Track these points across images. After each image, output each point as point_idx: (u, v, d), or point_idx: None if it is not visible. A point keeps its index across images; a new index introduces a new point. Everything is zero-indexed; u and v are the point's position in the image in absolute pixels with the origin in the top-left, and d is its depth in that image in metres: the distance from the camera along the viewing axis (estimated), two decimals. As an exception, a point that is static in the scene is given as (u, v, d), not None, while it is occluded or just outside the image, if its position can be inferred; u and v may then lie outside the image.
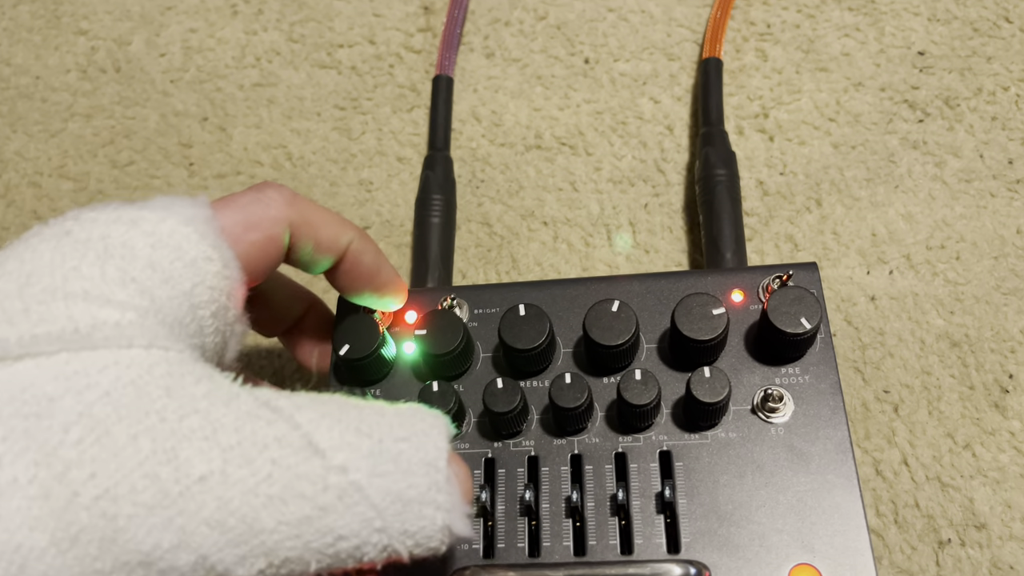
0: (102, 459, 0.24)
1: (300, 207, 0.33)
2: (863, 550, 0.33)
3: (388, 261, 0.38)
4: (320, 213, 0.34)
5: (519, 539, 0.35)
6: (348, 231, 0.35)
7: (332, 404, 0.28)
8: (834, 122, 0.50)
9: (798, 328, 0.35)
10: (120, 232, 0.28)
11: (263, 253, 0.32)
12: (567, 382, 0.35)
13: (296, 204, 0.33)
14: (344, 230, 0.35)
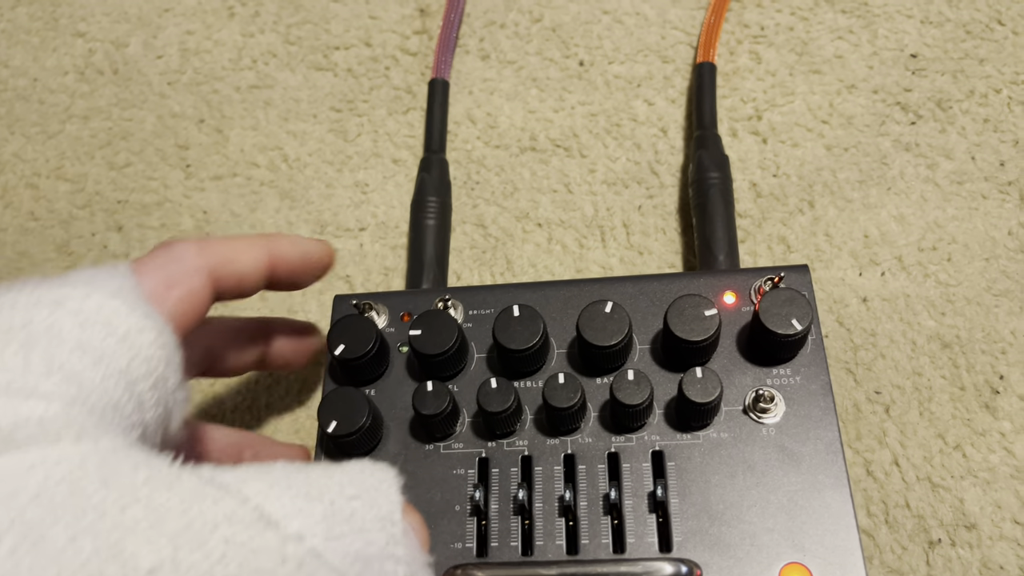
0: (40, 567, 0.21)
1: (211, 250, 0.33)
2: (853, 549, 0.33)
3: (305, 240, 0.38)
4: (232, 246, 0.34)
5: (512, 538, 0.35)
6: (261, 247, 0.35)
7: (278, 471, 0.26)
8: (827, 124, 0.51)
9: (789, 329, 0.35)
10: (43, 316, 0.27)
11: (190, 307, 0.32)
12: (560, 382, 0.35)
13: (207, 249, 0.33)
14: (259, 248, 0.35)
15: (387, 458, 0.37)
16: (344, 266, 0.51)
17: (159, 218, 0.54)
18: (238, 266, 0.34)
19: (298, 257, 0.36)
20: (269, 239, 0.36)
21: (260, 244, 0.35)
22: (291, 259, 0.36)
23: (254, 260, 0.35)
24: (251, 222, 0.53)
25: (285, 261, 0.36)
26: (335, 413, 0.36)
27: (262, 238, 0.36)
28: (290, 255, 0.36)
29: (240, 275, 0.34)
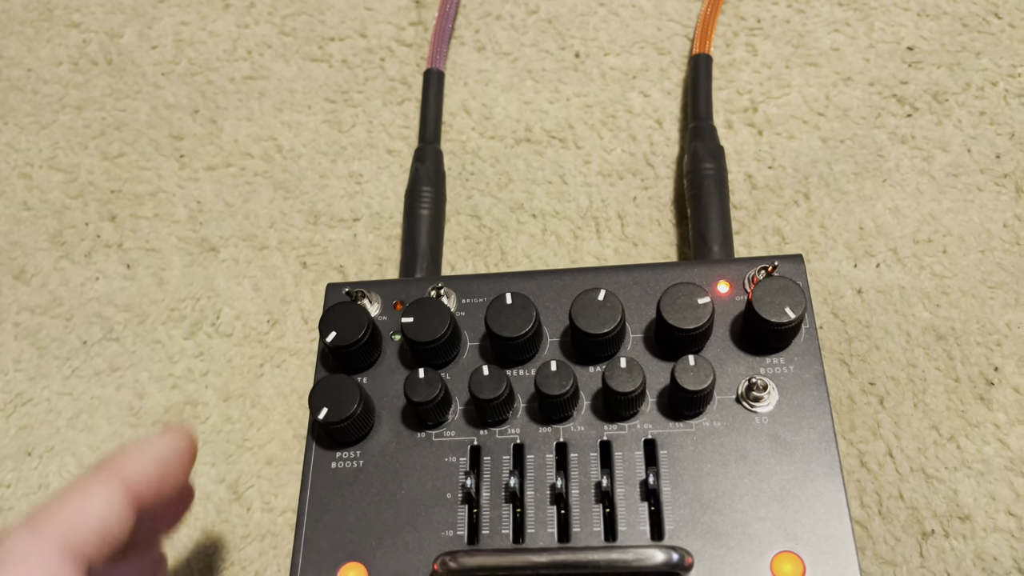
0: None
1: (48, 523, 0.27)
2: (845, 538, 0.33)
3: (154, 440, 0.32)
4: (71, 502, 0.28)
5: (503, 525, 0.35)
6: (106, 480, 0.29)
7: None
8: (823, 116, 0.51)
9: (782, 317, 0.35)
10: None
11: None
12: (553, 370, 0.35)
13: (42, 524, 0.27)
14: (104, 485, 0.29)
15: (378, 446, 0.37)
16: (338, 256, 0.51)
17: (152, 208, 0.54)
18: (89, 518, 0.28)
19: (157, 465, 0.31)
20: (113, 463, 0.30)
21: (104, 475, 0.29)
22: (150, 471, 0.30)
23: (105, 499, 0.28)
24: (245, 212, 0.53)
25: (143, 475, 0.30)
26: (326, 400, 0.36)
27: (105, 467, 0.30)
28: (145, 468, 0.30)
29: (98, 527, 0.28)
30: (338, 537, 0.35)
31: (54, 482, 0.46)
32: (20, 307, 0.52)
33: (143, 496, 0.30)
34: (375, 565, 0.35)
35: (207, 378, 0.48)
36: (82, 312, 0.51)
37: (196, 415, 0.47)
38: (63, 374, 0.49)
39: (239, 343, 0.49)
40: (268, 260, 0.51)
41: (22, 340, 0.51)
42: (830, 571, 0.32)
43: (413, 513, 0.36)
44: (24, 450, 0.47)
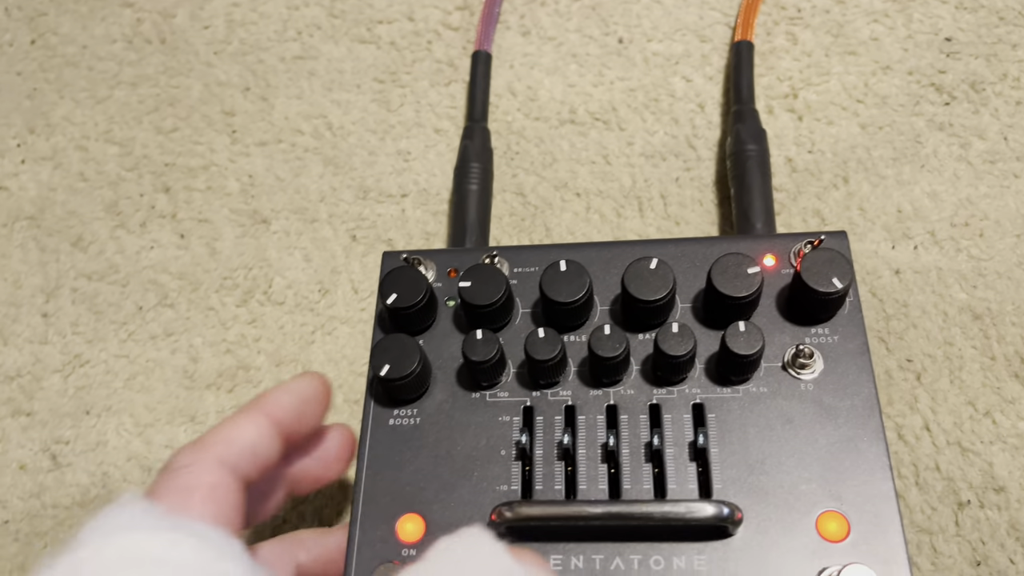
0: None
1: (207, 442, 0.32)
2: (888, 499, 0.34)
3: (295, 382, 0.36)
4: (227, 428, 0.33)
5: (556, 482, 0.36)
6: (256, 412, 0.34)
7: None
8: (862, 104, 0.52)
9: (830, 287, 0.36)
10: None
11: (220, 501, 0.31)
12: (606, 333, 0.36)
13: (202, 444, 0.32)
14: (254, 415, 0.34)
15: (434, 404, 0.39)
16: (387, 229, 0.52)
17: (205, 181, 0.56)
18: (243, 441, 0.33)
19: (297, 403, 0.35)
20: (260, 401, 0.35)
21: (253, 410, 0.34)
22: (291, 407, 0.35)
23: (256, 428, 0.33)
24: (295, 186, 0.54)
25: (286, 411, 0.35)
26: (388, 358, 0.37)
27: (253, 404, 0.35)
28: (287, 404, 0.35)
29: (250, 449, 0.33)
30: (396, 490, 0.37)
31: (112, 440, 0.48)
32: (77, 273, 0.53)
33: (286, 426, 0.35)
34: (432, 516, 0.36)
35: (259, 344, 0.49)
36: (137, 279, 0.53)
37: (248, 379, 0.48)
38: (119, 338, 0.51)
39: (291, 311, 0.50)
40: (318, 232, 0.53)
41: (79, 305, 0.52)
42: (874, 530, 0.34)
43: (468, 468, 0.37)
44: (82, 409, 0.49)
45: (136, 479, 0.46)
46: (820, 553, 0.33)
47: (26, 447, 0.48)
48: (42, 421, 0.49)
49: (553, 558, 0.34)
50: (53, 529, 0.46)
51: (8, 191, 0.57)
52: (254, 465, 0.33)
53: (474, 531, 0.29)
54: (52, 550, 0.28)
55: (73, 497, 0.46)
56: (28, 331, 0.52)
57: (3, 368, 0.51)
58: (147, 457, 0.47)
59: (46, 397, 0.49)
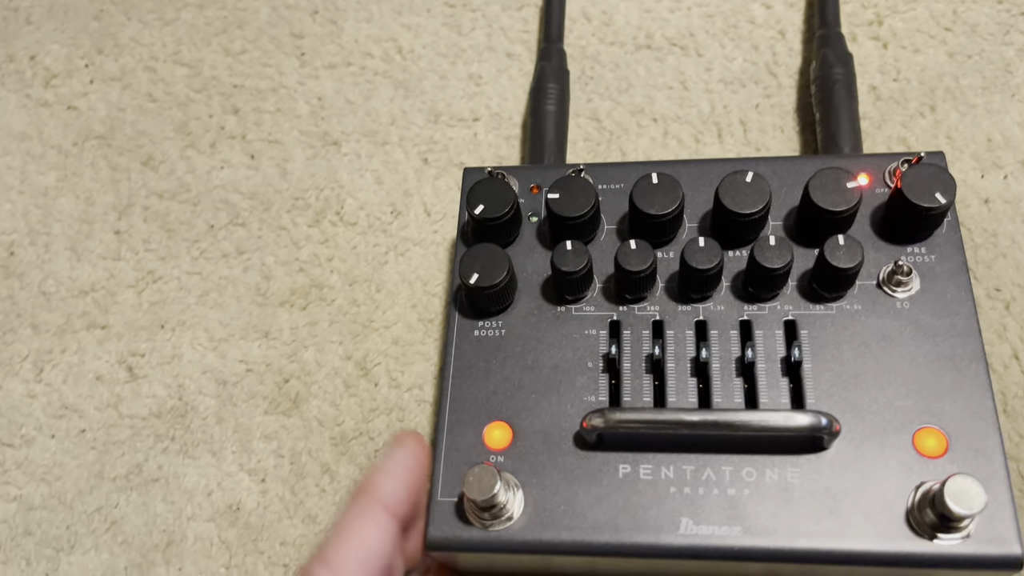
0: None
1: (351, 570, 0.31)
2: (987, 416, 0.33)
3: (397, 457, 0.34)
4: (350, 543, 0.31)
5: (644, 393, 0.36)
6: (374, 511, 0.33)
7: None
8: (950, 31, 0.50)
9: (933, 203, 0.35)
10: None
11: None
12: (701, 245, 0.36)
13: (346, 570, 0.31)
14: (376, 516, 0.32)
15: (519, 317, 0.38)
16: (458, 153, 0.52)
17: (274, 103, 0.55)
18: (376, 558, 0.31)
19: (408, 484, 0.34)
20: (371, 493, 0.33)
21: (374, 512, 0.32)
22: (404, 496, 0.33)
23: (382, 534, 0.32)
24: (366, 109, 0.54)
25: (400, 502, 0.33)
26: (476, 267, 0.37)
27: (366, 500, 0.32)
28: (400, 489, 0.33)
29: (381, 562, 0.32)
30: (482, 398, 0.37)
31: (187, 353, 0.48)
32: (149, 192, 0.53)
33: (405, 516, 0.33)
34: (519, 424, 0.36)
35: (332, 263, 0.49)
36: (208, 198, 0.53)
37: (322, 297, 0.48)
38: (192, 255, 0.51)
39: (363, 231, 0.50)
40: (390, 155, 0.52)
41: (151, 223, 0.52)
42: (973, 447, 0.33)
43: (555, 379, 0.37)
44: (157, 323, 0.49)
45: (211, 392, 0.47)
46: (917, 468, 0.33)
47: (102, 359, 0.49)
48: (117, 334, 0.49)
49: (643, 468, 0.34)
50: (130, 439, 0.46)
51: (78, 111, 0.57)
52: (385, 571, 0.32)
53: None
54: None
55: (149, 408, 0.47)
56: (101, 247, 0.52)
57: (77, 283, 0.51)
58: (222, 371, 0.47)
59: (120, 311, 0.50)
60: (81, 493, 0.45)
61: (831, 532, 0.32)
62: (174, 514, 0.44)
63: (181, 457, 0.45)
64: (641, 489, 0.34)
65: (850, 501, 0.33)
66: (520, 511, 0.34)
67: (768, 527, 0.33)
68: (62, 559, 0.44)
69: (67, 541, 0.44)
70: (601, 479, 0.34)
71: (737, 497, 0.33)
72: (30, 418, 0.47)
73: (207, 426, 0.46)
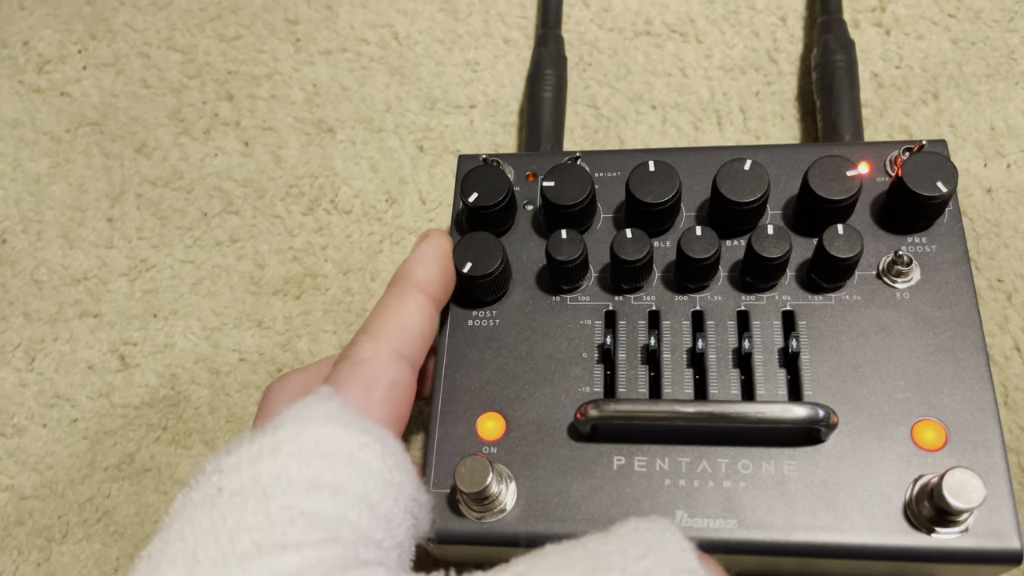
0: None
1: (385, 333, 0.33)
2: (988, 409, 0.33)
3: (428, 247, 0.36)
4: (396, 315, 0.34)
5: (640, 384, 0.35)
6: (415, 293, 0.35)
7: (554, 556, 0.26)
8: (954, 18, 0.50)
9: (934, 191, 0.35)
10: (268, 467, 0.27)
11: (397, 400, 0.32)
12: (698, 234, 0.35)
13: (379, 334, 0.33)
14: (415, 297, 0.34)
15: (514, 306, 0.38)
16: (454, 140, 0.51)
17: (269, 89, 0.55)
18: (414, 330, 0.34)
19: (441, 273, 0.36)
20: (410, 278, 0.35)
21: (411, 290, 0.35)
22: (439, 280, 0.35)
23: (419, 310, 0.34)
24: (361, 96, 0.53)
25: (435, 285, 0.35)
26: (470, 255, 0.36)
27: (406, 283, 0.35)
28: (436, 277, 0.35)
29: (420, 335, 0.34)
30: (476, 389, 0.36)
31: (179, 342, 0.47)
32: (142, 179, 0.53)
33: (440, 297, 0.36)
34: (513, 415, 0.36)
35: (327, 252, 0.49)
36: (202, 186, 0.52)
37: (316, 286, 0.48)
38: (185, 243, 0.50)
39: (358, 220, 0.49)
40: (385, 143, 0.52)
41: (144, 210, 0.52)
42: (973, 439, 0.32)
43: (549, 370, 0.36)
44: (150, 312, 0.49)
45: (204, 381, 0.46)
46: (916, 461, 0.32)
47: (95, 348, 0.48)
48: (110, 323, 0.49)
49: (638, 459, 0.34)
50: (122, 428, 0.46)
51: (71, 97, 0.57)
52: (424, 349, 0.34)
53: (666, 524, 0.28)
54: (253, 427, 0.30)
55: (142, 397, 0.46)
56: (94, 235, 0.51)
57: (70, 271, 0.51)
58: (215, 360, 0.47)
59: (113, 300, 0.49)
60: (73, 483, 0.45)
61: (828, 525, 0.32)
62: (167, 504, 0.44)
63: (174, 447, 0.45)
64: (635, 481, 0.33)
65: (847, 494, 0.32)
66: (513, 503, 0.34)
67: (764, 520, 0.32)
68: (54, 549, 0.44)
69: (59, 531, 0.44)
70: (595, 471, 0.34)
71: (733, 490, 0.33)
72: (22, 407, 0.47)
73: (200, 416, 0.46)
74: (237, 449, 0.28)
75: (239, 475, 0.27)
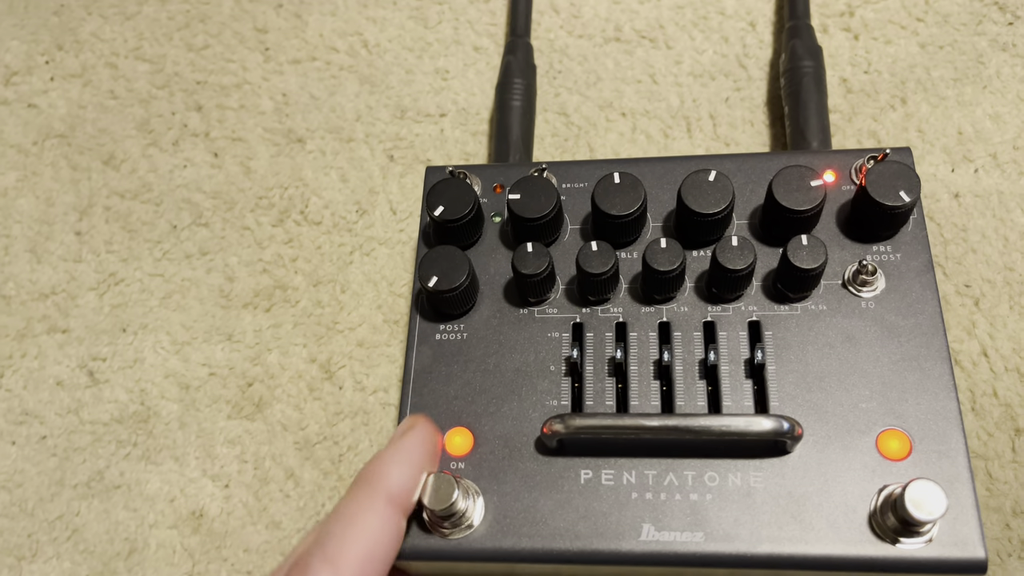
0: None
1: (352, 569, 0.28)
2: (952, 417, 0.33)
3: (403, 446, 0.32)
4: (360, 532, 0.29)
5: (607, 397, 0.35)
6: (379, 498, 0.30)
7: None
8: (922, 22, 0.50)
9: (897, 201, 0.35)
10: None
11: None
12: (663, 246, 0.35)
13: (346, 570, 0.28)
14: (379, 506, 0.30)
15: (481, 320, 0.38)
16: (425, 150, 0.51)
17: (238, 99, 0.54)
18: (379, 554, 0.29)
19: (415, 473, 0.32)
20: (376, 483, 0.30)
21: (379, 504, 0.30)
22: (412, 484, 0.31)
23: (387, 528, 0.30)
24: (331, 105, 0.53)
25: (406, 490, 0.31)
26: (436, 269, 0.36)
27: (370, 490, 0.30)
28: (407, 480, 0.31)
29: (384, 558, 0.29)
30: (443, 404, 0.36)
31: (149, 357, 0.47)
32: (110, 191, 0.52)
33: (411, 506, 0.31)
34: (480, 430, 0.35)
35: (296, 264, 0.49)
36: (171, 198, 0.52)
37: (286, 299, 0.48)
38: (154, 256, 0.50)
39: (328, 231, 0.49)
40: (355, 152, 0.51)
41: (113, 223, 0.51)
42: (937, 449, 0.33)
43: (517, 383, 0.36)
44: (119, 326, 0.48)
45: (174, 396, 0.46)
46: (881, 471, 0.33)
47: (63, 364, 0.48)
48: (78, 338, 0.48)
49: (605, 473, 0.34)
50: (91, 445, 0.45)
51: (38, 108, 0.56)
52: (387, 567, 0.30)
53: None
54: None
55: (111, 413, 0.46)
56: (62, 249, 0.51)
57: (37, 285, 0.50)
58: (184, 375, 0.46)
59: (82, 315, 0.49)
60: (42, 500, 0.45)
61: (793, 537, 0.32)
62: (136, 521, 0.43)
63: (143, 463, 0.45)
64: (603, 495, 0.33)
65: (813, 505, 0.32)
66: (480, 519, 0.34)
67: (730, 532, 0.32)
68: (24, 568, 0.43)
69: (28, 549, 0.44)
70: (562, 485, 0.34)
71: (699, 502, 0.33)
72: (-10, 425, 0.47)
73: (170, 431, 0.45)
74: None
75: None
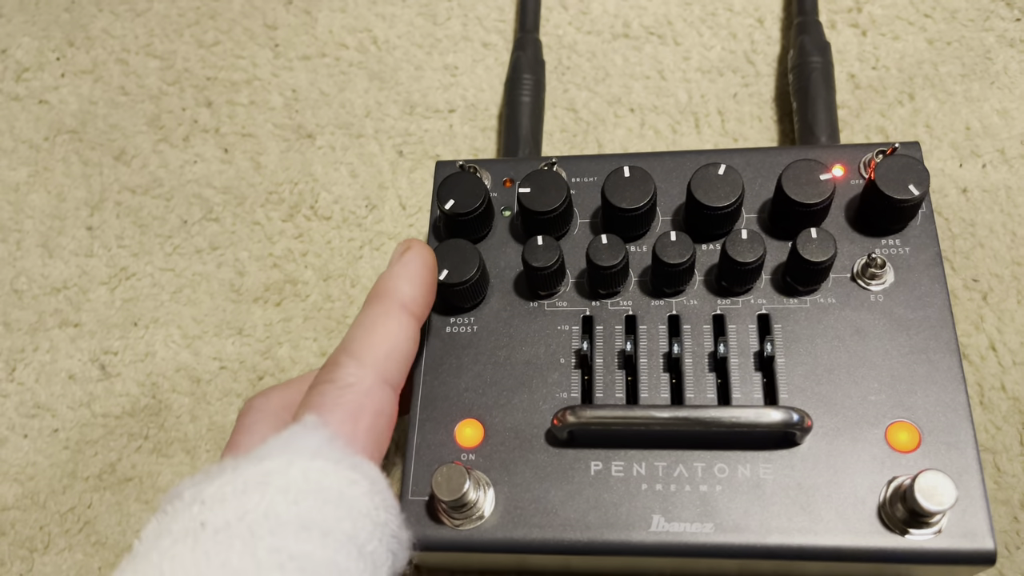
0: None
1: (369, 356, 0.32)
2: (961, 410, 0.33)
3: (410, 262, 0.35)
4: (379, 336, 0.32)
5: (617, 389, 0.36)
6: (398, 311, 0.33)
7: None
8: (930, 18, 0.50)
9: (906, 195, 0.35)
10: (255, 502, 0.26)
11: (382, 429, 0.31)
12: (672, 240, 0.35)
13: (364, 357, 0.31)
14: (398, 316, 0.33)
15: (491, 314, 0.38)
16: (434, 145, 0.51)
17: (248, 95, 0.54)
18: (398, 352, 0.32)
19: (423, 284, 0.34)
20: (392, 295, 0.33)
21: (393, 309, 0.33)
22: (421, 298, 0.34)
23: (405, 332, 0.33)
24: (340, 101, 0.53)
25: (418, 303, 0.34)
26: (447, 263, 0.37)
27: (388, 301, 0.33)
28: (417, 289, 0.34)
29: (405, 359, 0.33)
30: (454, 396, 0.36)
31: (160, 351, 0.47)
32: (121, 187, 0.53)
33: (423, 316, 0.34)
34: (491, 422, 0.36)
35: (306, 258, 0.49)
36: (182, 193, 0.52)
37: (296, 293, 0.48)
38: (165, 251, 0.50)
39: (338, 226, 0.49)
40: (365, 148, 0.52)
41: (124, 218, 0.52)
42: (946, 441, 0.33)
43: (527, 376, 0.36)
44: (130, 320, 0.49)
45: (185, 390, 0.46)
46: (890, 463, 0.33)
47: (75, 357, 0.48)
48: (90, 332, 0.49)
49: (615, 465, 0.34)
50: (103, 438, 0.46)
51: (49, 104, 0.56)
52: (406, 372, 0.33)
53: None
54: (233, 457, 0.29)
55: (123, 407, 0.46)
56: (73, 244, 0.51)
57: (49, 280, 0.50)
58: (195, 368, 0.47)
59: (93, 309, 0.49)
60: (54, 493, 0.45)
61: (803, 528, 0.32)
62: (148, 513, 0.44)
63: (155, 456, 0.45)
64: (613, 486, 0.34)
65: (822, 497, 0.32)
66: (491, 510, 0.34)
67: (740, 524, 0.32)
68: (36, 560, 0.44)
69: (41, 541, 0.44)
70: (573, 476, 0.34)
71: (709, 494, 0.33)
72: (2, 417, 0.47)
73: (181, 424, 0.46)
74: (219, 477, 0.27)
75: (223, 509, 0.26)
